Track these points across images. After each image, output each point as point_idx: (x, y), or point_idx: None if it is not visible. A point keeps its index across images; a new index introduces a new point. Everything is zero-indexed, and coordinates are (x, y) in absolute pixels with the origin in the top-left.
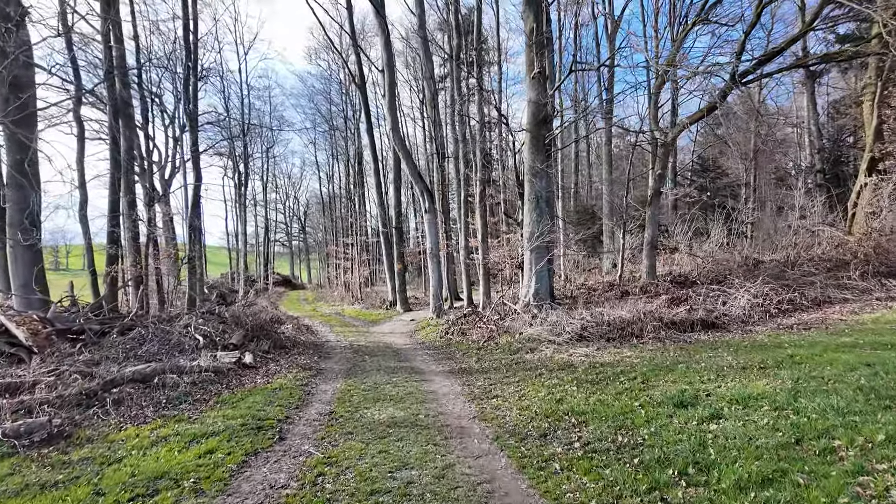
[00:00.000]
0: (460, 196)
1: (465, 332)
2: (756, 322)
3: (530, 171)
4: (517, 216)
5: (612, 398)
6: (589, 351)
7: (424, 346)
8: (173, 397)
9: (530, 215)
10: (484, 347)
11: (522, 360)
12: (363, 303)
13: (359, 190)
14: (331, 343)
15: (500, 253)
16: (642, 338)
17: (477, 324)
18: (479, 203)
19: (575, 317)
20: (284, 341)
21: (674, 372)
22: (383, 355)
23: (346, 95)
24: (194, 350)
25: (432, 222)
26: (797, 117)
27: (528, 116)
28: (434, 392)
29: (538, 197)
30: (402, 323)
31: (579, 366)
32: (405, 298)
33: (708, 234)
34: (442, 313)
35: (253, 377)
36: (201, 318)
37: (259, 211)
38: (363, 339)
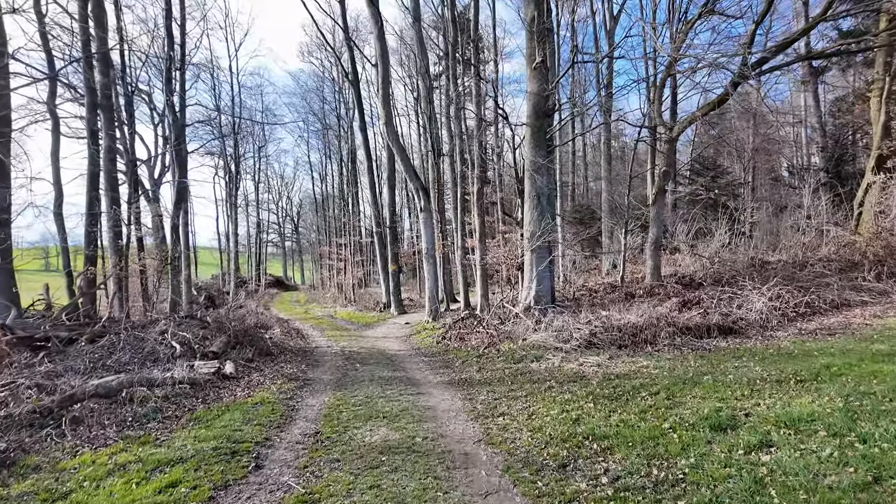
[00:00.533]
0: (456, 195)
1: (463, 338)
2: (775, 327)
3: (531, 167)
4: (516, 215)
5: (637, 418)
6: (601, 360)
7: (420, 353)
8: (141, 414)
9: (531, 214)
10: (485, 355)
11: (528, 369)
12: (356, 305)
13: (352, 189)
14: (321, 349)
15: (499, 253)
16: (656, 345)
17: (476, 328)
18: (477, 201)
19: (581, 321)
20: (270, 348)
21: (700, 385)
22: (376, 363)
23: (339, 94)
24: (170, 359)
25: (428, 221)
26: (794, 116)
27: (529, 109)
28: (432, 408)
29: (539, 194)
30: (396, 326)
31: (592, 377)
32: (400, 300)
33: (709, 234)
34: (438, 316)
35: (233, 390)
36: (181, 324)
37: (251, 211)
38: (355, 344)
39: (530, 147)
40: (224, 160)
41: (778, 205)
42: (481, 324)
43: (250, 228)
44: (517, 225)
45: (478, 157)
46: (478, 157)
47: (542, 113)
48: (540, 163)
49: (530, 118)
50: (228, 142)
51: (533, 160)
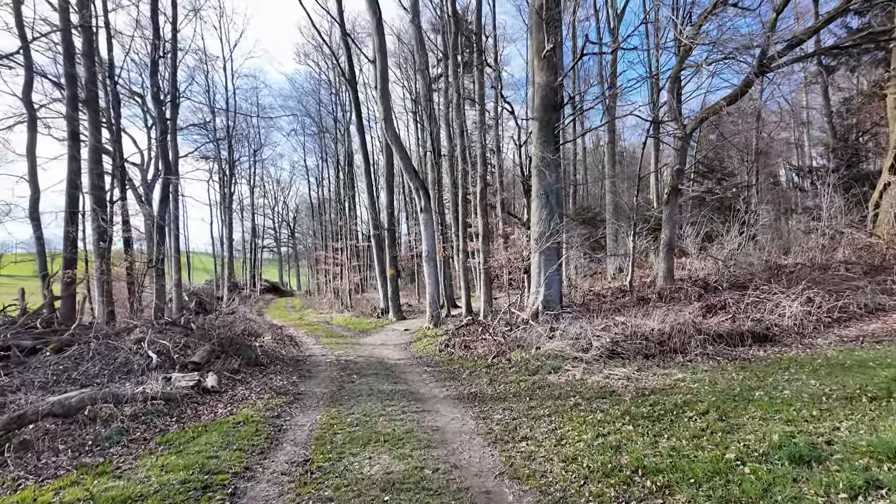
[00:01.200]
0: (457, 195)
1: (468, 346)
2: (811, 333)
3: (539, 163)
4: (521, 215)
5: (690, 445)
6: (628, 372)
7: (423, 362)
8: (104, 437)
9: (539, 213)
10: (494, 365)
11: (546, 382)
12: (353, 310)
13: (349, 192)
14: (315, 357)
15: (503, 256)
16: (687, 354)
17: (482, 335)
18: (480, 201)
19: (597, 328)
20: (259, 357)
21: (753, 403)
22: (375, 374)
23: (335, 96)
24: (144, 371)
25: (428, 222)
26: (796, 118)
27: (537, 102)
28: (441, 430)
29: (548, 193)
30: (395, 333)
31: (623, 393)
32: (398, 306)
33: (717, 237)
34: (440, 322)
35: (214, 406)
36: (161, 331)
37: (246, 216)
38: (352, 352)
39: (538, 142)
40: (219, 164)
41: (785, 207)
42: (487, 330)
43: (245, 233)
44: (522, 226)
45: (480, 155)
46: (480, 154)
47: (550, 106)
48: (549, 158)
49: (538, 111)
50: (223, 145)
51: (541, 156)
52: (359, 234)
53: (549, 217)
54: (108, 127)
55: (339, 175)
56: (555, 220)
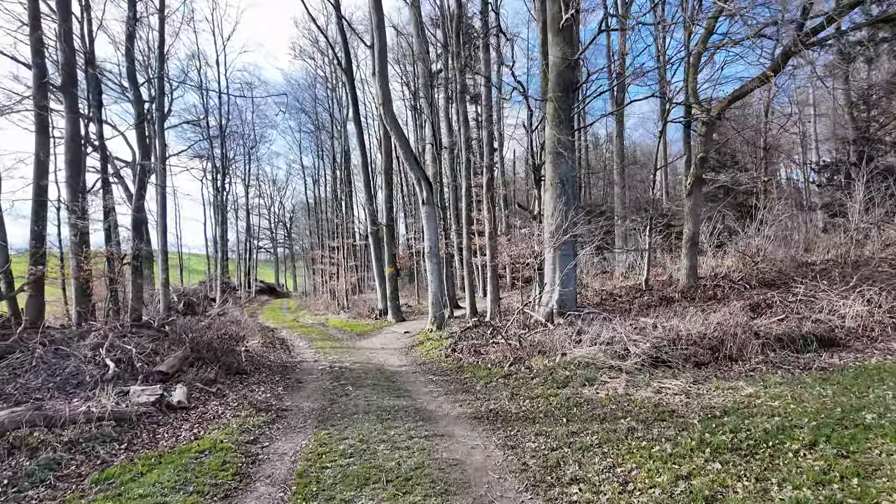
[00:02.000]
0: (460, 188)
1: (478, 351)
2: (881, 337)
3: (554, 149)
4: (532, 208)
5: (821, 498)
6: (682, 384)
7: (427, 370)
8: (26, 472)
9: (553, 204)
10: (512, 374)
11: (583, 398)
12: (350, 312)
13: (346, 188)
14: (306, 364)
15: (513, 252)
16: (745, 361)
17: (492, 339)
18: (486, 193)
19: (631, 331)
20: (242, 364)
21: (872, 430)
22: (374, 384)
23: (331, 91)
24: (98, 383)
25: (431, 216)
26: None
27: (551, 80)
28: (460, 464)
29: (563, 181)
30: (394, 336)
31: (687, 413)
32: (397, 307)
33: (733, 233)
34: (443, 324)
35: (177, 427)
36: (125, 335)
37: (241, 215)
38: (348, 357)
39: (553, 126)
40: (213, 162)
41: (797, 203)
42: (498, 333)
43: (240, 233)
44: (533, 219)
45: (487, 142)
46: (486, 140)
47: (567, 85)
48: (565, 142)
49: (553, 91)
50: (217, 142)
51: (556, 141)
52: (356, 234)
53: (566, 208)
54: (92, 118)
55: (335, 172)
56: (572, 211)
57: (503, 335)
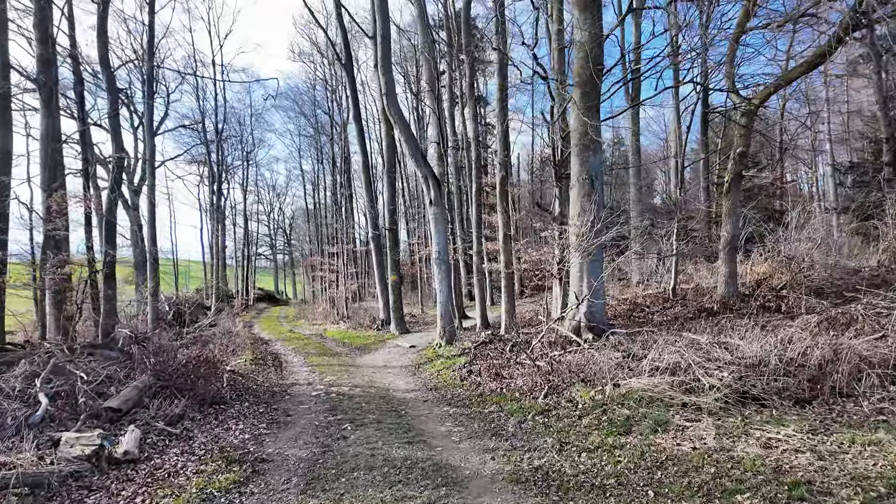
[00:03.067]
0: (467, 189)
1: (499, 373)
2: None
3: (581, 140)
4: (553, 208)
5: None
6: (796, 434)
7: (442, 398)
8: None
9: (580, 203)
10: (551, 410)
11: (660, 451)
12: (350, 321)
13: (346, 190)
14: (299, 388)
15: (534, 257)
16: (862, 398)
17: (515, 358)
18: (501, 193)
19: (693, 352)
20: (222, 391)
21: None
22: (378, 420)
23: (331, 93)
24: (21, 427)
25: (440, 218)
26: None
27: (578, 63)
28: None
29: (592, 177)
30: (399, 351)
31: (832, 487)
32: (401, 317)
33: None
34: (454, 338)
35: (116, 493)
36: (74, 360)
37: (239, 221)
38: (347, 379)
39: (579, 113)
40: (209, 166)
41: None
42: (521, 351)
43: (237, 240)
44: (553, 221)
45: (501, 138)
46: (501, 136)
47: (597, 67)
48: (595, 132)
49: (581, 75)
50: (214, 147)
51: (583, 132)
52: (357, 240)
53: (596, 207)
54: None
55: (335, 176)
56: (603, 211)
57: (528, 355)
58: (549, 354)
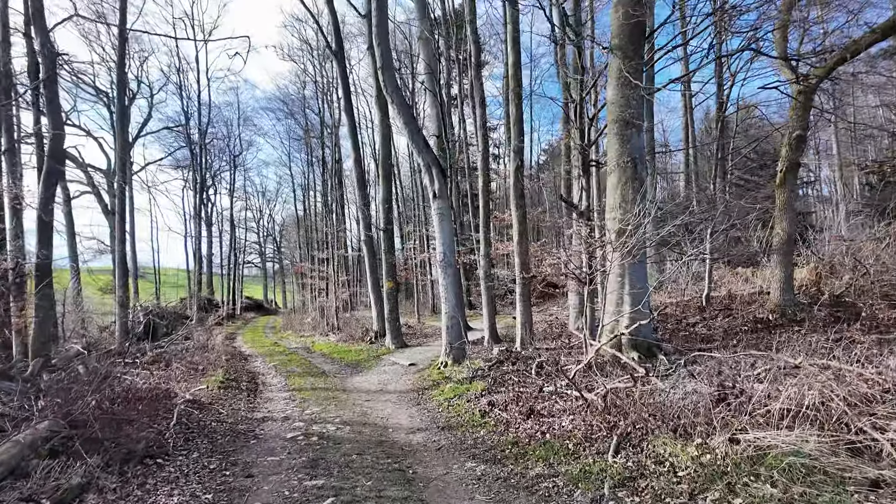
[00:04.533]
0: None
1: (533, 409)
2: None
3: (620, 117)
4: (580, 202)
5: None
6: None
7: (460, 445)
8: None
9: (620, 193)
10: (637, 479)
11: None
12: (340, 333)
13: (336, 191)
14: (271, 426)
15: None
16: None
17: (546, 385)
18: (515, 184)
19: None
20: (160, 438)
21: None
22: (378, 493)
23: (322, 94)
24: None
25: (445, 214)
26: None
27: (616, 24)
28: None
29: (635, 161)
30: (396, 370)
31: None
32: (397, 329)
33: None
34: (463, 356)
35: None
36: None
37: (226, 228)
38: (333, 410)
39: (617, 88)
40: (193, 170)
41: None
42: (555, 376)
43: (224, 247)
44: (579, 217)
45: (515, 120)
46: (515, 119)
47: (638, 32)
48: (638, 106)
49: (621, 35)
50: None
51: (623, 107)
52: (349, 245)
53: (640, 198)
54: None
55: (325, 178)
56: (648, 202)
57: (571, 382)
58: (596, 382)
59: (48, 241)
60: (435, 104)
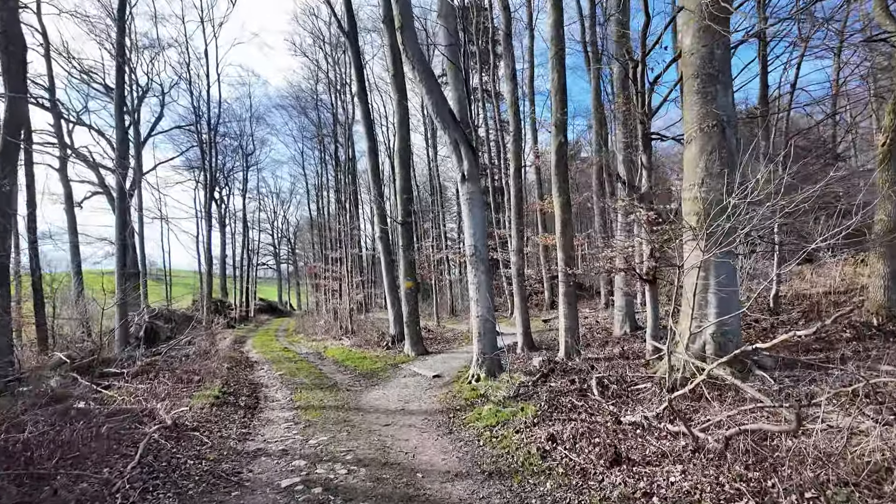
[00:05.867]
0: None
1: (619, 452)
2: None
3: (701, 70)
4: (639, 182)
5: None
6: None
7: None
8: None
9: (704, 166)
10: None
11: None
12: (354, 337)
13: (350, 186)
14: (265, 463)
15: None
16: None
17: (616, 412)
18: (556, 163)
19: None
20: (109, 485)
21: None
22: None
23: (335, 91)
24: None
25: (476, 198)
26: None
27: None
28: None
29: (722, 125)
30: (418, 382)
31: None
32: (417, 333)
33: None
34: (499, 367)
35: None
36: None
37: (239, 229)
38: (345, 440)
39: (698, 34)
40: (203, 170)
41: None
42: (629, 397)
43: (236, 248)
44: (639, 201)
45: (557, 89)
46: (557, 87)
47: None
48: (723, 57)
49: None
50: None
51: (707, 57)
52: (363, 244)
53: (728, 170)
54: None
55: (338, 175)
56: (737, 177)
57: (677, 415)
58: (697, 413)
59: (2, 238)
60: (459, 80)
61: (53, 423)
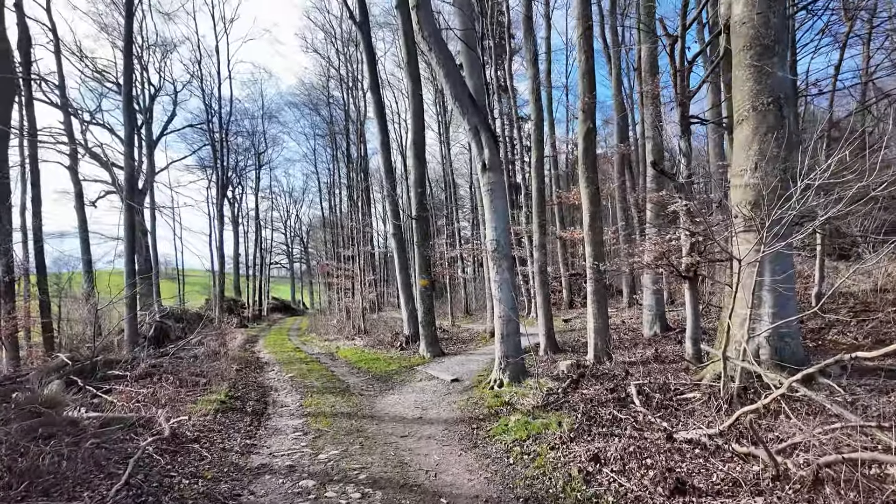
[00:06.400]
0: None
1: (680, 479)
2: None
3: (755, 41)
4: (676, 171)
5: None
6: None
7: None
8: None
9: (757, 149)
10: None
11: None
12: (367, 337)
13: (363, 182)
14: (268, 484)
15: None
16: None
17: (669, 428)
18: (583, 151)
19: None
20: None
21: None
22: None
23: (347, 90)
24: None
25: (497, 190)
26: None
27: None
28: None
29: (780, 103)
30: (436, 387)
31: None
32: (433, 334)
33: None
34: (523, 372)
35: None
36: None
37: (251, 227)
38: (359, 455)
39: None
40: (214, 169)
41: None
42: (677, 408)
43: (249, 247)
44: (678, 190)
45: (584, 69)
46: (584, 68)
47: None
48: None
49: None
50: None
51: (762, 26)
52: (375, 242)
53: (786, 153)
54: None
55: (350, 172)
56: (793, 164)
57: (756, 437)
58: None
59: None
60: (476, 67)
61: (34, 438)
